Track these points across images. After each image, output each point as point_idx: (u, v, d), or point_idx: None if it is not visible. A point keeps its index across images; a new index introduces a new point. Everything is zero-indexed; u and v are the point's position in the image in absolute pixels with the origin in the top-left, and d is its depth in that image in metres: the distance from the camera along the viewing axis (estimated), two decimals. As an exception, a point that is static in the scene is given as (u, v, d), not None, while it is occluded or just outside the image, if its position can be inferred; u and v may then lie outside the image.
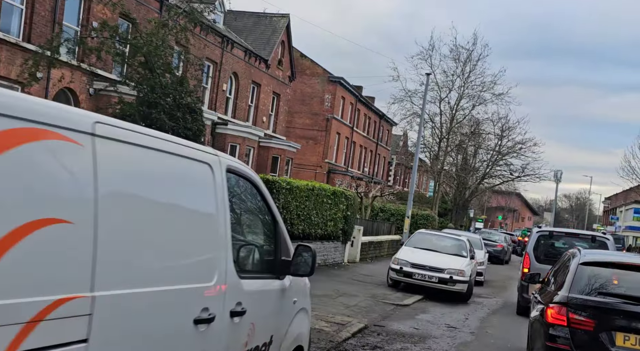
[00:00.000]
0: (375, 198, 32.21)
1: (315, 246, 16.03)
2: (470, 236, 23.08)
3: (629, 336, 6.73)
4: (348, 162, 54.06)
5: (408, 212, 27.38)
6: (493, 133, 42.26)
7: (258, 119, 38.35)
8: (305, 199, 16.07)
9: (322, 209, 17.33)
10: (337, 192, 18.60)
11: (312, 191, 16.56)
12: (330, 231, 18.30)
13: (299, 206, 15.64)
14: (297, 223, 15.70)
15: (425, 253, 16.62)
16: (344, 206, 19.24)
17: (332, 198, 18.04)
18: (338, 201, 18.60)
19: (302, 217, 15.98)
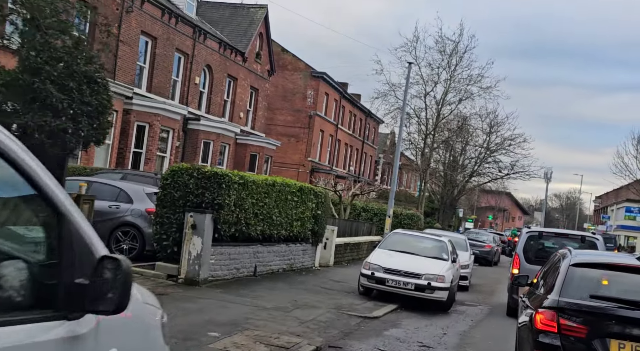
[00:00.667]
0: (355, 196, 30.26)
1: (278, 249, 13.85)
2: (453, 237, 21.17)
3: (624, 343, 6.26)
4: (333, 161, 52.12)
5: (389, 211, 25.44)
6: (481, 129, 40.50)
7: (235, 114, 36.35)
8: (265, 196, 14.07)
9: (286, 208, 15.32)
10: (304, 188, 16.59)
11: (273, 186, 14.55)
12: (296, 232, 16.30)
13: (256, 203, 13.63)
14: (254, 223, 13.69)
15: (401, 256, 14.65)
16: (314, 204, 17.25)
17: (298, 195, 16.04)
18: (306, 198, 16.61)
19: (260, 216, 13.97)
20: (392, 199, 25.44)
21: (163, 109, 27.25)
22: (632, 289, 6.96)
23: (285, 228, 15.46)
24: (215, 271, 12.61)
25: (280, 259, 15.85)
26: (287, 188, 15.29)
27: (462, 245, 20.87)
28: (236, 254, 13.39)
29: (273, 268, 15.50)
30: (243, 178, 12.95)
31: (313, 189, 17.27)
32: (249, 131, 38.05)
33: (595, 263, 7.35)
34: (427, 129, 36.92)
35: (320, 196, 17.68)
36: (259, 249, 14.53)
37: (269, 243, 15.07)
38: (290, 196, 15.47)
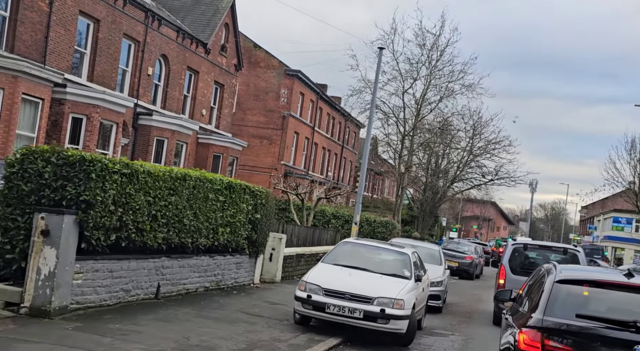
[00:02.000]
0: (320, 200, 26.75)
1: (197, 263, 7.85)
2: (424, 248, 17.75)
3: None
4: (308, 165, 48.61)
5: (356, 217, 21.96)
6: (463, 130, 37.10)
7: (196, 111, 32.78)
8: (170, 193, 10.53)
9: (206, 210, 11.79)
10: (235, 186, 13.05)
11: (184, 181, 11.02)
12: (224, 240, 12.77)
13: (155, 202, 10.10)
14: (151, 229, 10.14)
15: (349, 274, 11.14)
16: (250, 206, 13.73)
17: (226, 194, 12.52)
18: (238, 198, 13.09)
19: (163, 220, 10.44)
20: (360, 204, 22.01)
21: (103, 100, 23.61)
22: (619, 307, 6.57)
23: (205, 235, 11.92)
24: (85, 296, 9.04)
25: (201, 275, 12.29)
26: (207, 184, 11.75)
27: (435, 257, 17.41)
28: (123, 271, 9.83)
29: (189, 287, 11.94)
30: (129, 167, 9.39)
31: (249, 188, 13.73)
32: (213, 129, 34.51)
33: (581, 279, 6.90)
34: (405, 129, 33.54)
35: (260, 196, 14.16)
36: (165, 263, 10.98)
37: (182, 255, 11.52)
38: (213, 195, 11.95)
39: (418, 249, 17.10)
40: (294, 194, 24.72)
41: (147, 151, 27.78)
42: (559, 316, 6.24)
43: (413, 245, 17.74)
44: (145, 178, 9.75)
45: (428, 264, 16.47)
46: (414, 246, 17.63)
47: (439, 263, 17.13)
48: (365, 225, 30.24)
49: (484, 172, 38.95)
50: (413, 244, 17.86)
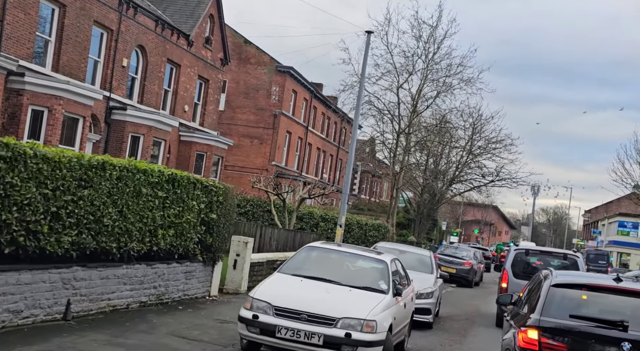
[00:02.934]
0: (303, 201, 24.41)
1: (128, 273, 6.29)
2: (413, 253, 15.49)
3: None
4: (302, 167, 46.31)
5: (340, 219, 19.62)
6: (462, 127, 34.70)
7: (178, 107, 30.53)
8: (80, 186, 8.25)
9: (138, 208, 9.50)
10: (179, 179, 10.73)
11: (103, 171, 8.71)
12: (166, 245, 10.49)
13: (55, 196, 7.81)
14: (52, 231, 7.84)
15: (310, 287, 8.84)
16: (203, 204, 11.43)
17: (166, 189, 10.23)
18: (186, 194, 10.79)
19: (71, 219, 8.14)
20: (345, 204, 19.71)
21: (67, 91, 21.37)
22: (609, 309, 7.02)
23: (139, 238, 9.63)
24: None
25: (135, 287, 9.99)
26: (138, 176, 9.45)
27: (425, 265, 15.10)
28: (10, 286, 7.52)
29: (117, 304, 9.64)
30: (10, 149, 7.08)
31: (200, 182, 11.42)
32: (196, 127, 32.26)
33: (574, 283, 7.46)
34: (400, 127, 31.22)
35: (216, 192, 11.85)
36: (79, 275, 8.69)
37: (105, 264, 9.20)
38: (148, 190, 9.66)
39: (406, 256, 14.82)
40: (274, 194, 22.40)
41: (121, 148, 25.54)
42: (554, 316, 6.73)
43: (401, 250, 15.48)
44: (38, 164, 7.44)
45: (417, 273, 14.22)
46: (402, 251, 15.36)
47: (430, 271, 14.81)
48: (355, 228, 27.96)
49: (484, 173, 36.59)
50: (401, 250, 15.59)
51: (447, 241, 68.64)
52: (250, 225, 20.42)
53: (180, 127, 30.76)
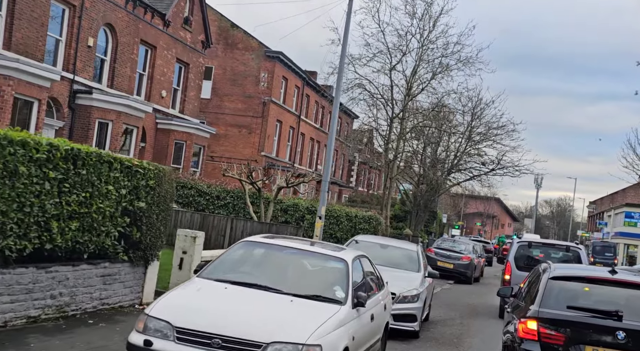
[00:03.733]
0: (280, 190, 21.91)
1: (10, 278, 5.67)
2: (398, 248, 13.09)
3: (597, 349, 6.64)
4: (294, 157, 43.86)
5: (320, 210, 17.15)
6: (460, 112, 32.06)
7: (154, 92, 28.10)
8: None
9: (14, 193, 7.07)
10: (86, 156, 8.27)
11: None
12: (66, 241, 8.04)
13: None
14: None
15: (234, 298, 6.36)
16: (125, 189, 8.99)
17: (63, 169, 7.78)
18: (97, 176, 8.34)
19: None
20: (325, 192, 17.25)
21: (17, 70, 19.01)
22: (604, 299, 7.19)
23: (18, 233, 7.18)
24: None
25: (18, 299, 7.54)
26: (12, 150, 6.99)
27: (411, 261, 12.66)
28: None
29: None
30: None
31: (119, 161, 8.96)
32: (176, 114, 29.82)
33: (571, 276, 7.69)
34: (393, 112, 28.72)
35: (143, 175, 9.39)
36: None
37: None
38: (30, 168, 7.19)
39: (388, 251, 12.39)
40: (247, 182, 19.93)
41: (87, 136, 23.18)
42: (552, 308, 6.97)
43: (382, 244, 13.06)
44: None
45: (400, 271, 11.84)
46: (384, 245, 12.96)
47: (417, 269, 12.33)
48: (344, 221, 25.48)
49: (484, 161, 33.92)
50: (382, 244, 13.17)
51: (448, 234, 66.14)
52: (220, 218, 18.05)
53: (157, 114, 28.38)
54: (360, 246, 12.83)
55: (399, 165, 34.14)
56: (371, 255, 12.64)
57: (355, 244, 12.84)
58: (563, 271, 7.93)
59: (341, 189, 51.54)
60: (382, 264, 12.29)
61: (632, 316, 6.75)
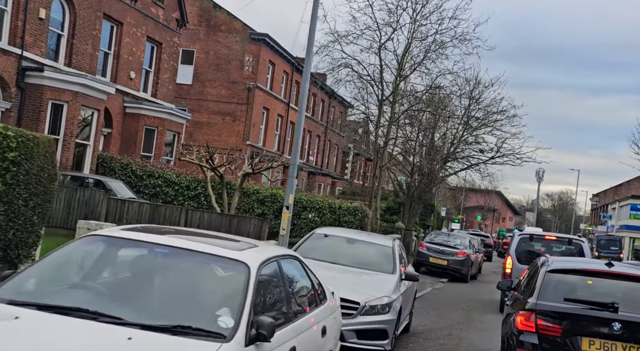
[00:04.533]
0: (246, 177, 19.16)
1: None
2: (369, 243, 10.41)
3: (594, 340, 6.72)
4: (282, 147, 41.14)
5: (287, 199, 14.40)
6: (456, 94, 29.12)
7: (121, 73, 25.37)
8: None
9: None
10: None
11: None
12: None
13: None
14: None
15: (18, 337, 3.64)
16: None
17: None
18: None
19: None
20: (294, 178, 14.50)
21: (-56, 40, 16.31)
22: (601, 292, 7.25)
23: None
24: None
25: None
26: None
27: (386, 259, 9.94)
28: None
29: None
30: None
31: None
32: (147, 98, 27.10)
33: (569, 269, 7.76)
34: (382, 94, 25.91)
35: (20, 146, 6.62)
36: None
37: None
38: None
39: (357, 247, 9.80)
40: (208, 168, 17.19)
41: (39, 118, 20.52)
42: (550, 300, 6.99)
43: (350, 238, 10.36)
44: None
45: (369, 274, 9.25)
46: (352, 240, 10.30)
47: (392, 270, 9.59)
48: (327, 213, 22.83)
49: (483, 149, 31.08)
50: (350, 238, 10.44)
51: (448, 228, 63.34)
52: (173, 209, 15.34)
53: (126, 97, 25.67)
54: (318, 241, 10.15)
55: (391, 152, 31.39)
56: (333, 253, 9.91)
57: (312, 238, 10.15)
58: (561, 264, 8.01)
59: (334, 181, 48.82)
60: (348, 264, 9.59)
61: (628, 308, 6.80)
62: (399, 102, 27.33)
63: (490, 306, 16.16)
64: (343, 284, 8.09)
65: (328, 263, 9.30)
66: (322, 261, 9.21)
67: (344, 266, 9.44)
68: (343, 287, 7.63)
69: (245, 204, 22.45)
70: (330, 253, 9.81)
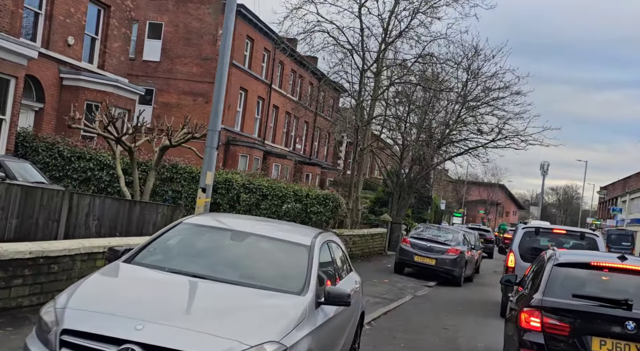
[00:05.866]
0: (165, 150, 14.80)
1: None
2: (270, 238, 5.99)
3: (605, 340, 6.09)
4: (264, 134, 36.83)
5: (203, 180, 10.11)
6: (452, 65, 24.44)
7: (56, 38, 21.13)
8: None
9: None
10: None
11: None
12: None
13: None
14: None
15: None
16: None
17: None
18: None
19: None
20: (213, 149, 10.22)
21: None
22: (613, 287, 6.66)
23: None
24: None
25: None
26: None
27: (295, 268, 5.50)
28: None
29: None
30: None
31: None
32: (93, 70, 22.84)
33: (578, 262, 7.02)
34: (364, 63, 21.55)
35: None
36: None
37: None
38: None
39: (247, 246, 5.53)
40: (112, 139, 12.92)
41: None
42: (557, 296, 6.41)
43: (239, 233, 6.00)
44: None
45: (258, 294, 4.72)
46: (242, 235, 5.91)
47: (299, 289, 5.26)
48: (292, 202, 18.52)
49: (481, 128, 26.57)
50: (240, 231, 6.08)
51: (449, 222, 59.04)
52: (54, 194, 11.03)
53: (63, 67, 21.45)
54: (182, 237, 5.85)
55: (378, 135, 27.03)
56: (203, 257, 5.64)
57: (174, 232, 5.79)
58: (569, 257, 7.20)
59: (324, 172, 44.48)
60: (221, 277, 5.32)
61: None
62: (386, 75, 22.90)
63: (487, 322, 11.89)
64: (182, 316, 4.00)
65: (184, 275, 5.05)
66: (171, 273, 4.99)
67: (209, 281, 5.15)
68: (179, 322, 3.58)
69: (193, 191, 18.29)
70: (198, 257, 5.54)
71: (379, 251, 23.56)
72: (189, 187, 18.65)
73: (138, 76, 31.61)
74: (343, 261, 6.90)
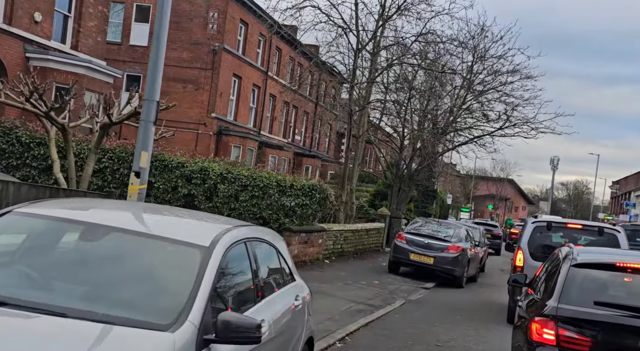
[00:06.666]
0: (106, 130, 12.75)
1: None
2: (108, 229, 3.80)
3: None
4: (260, 123, 34.77)
5: (137, 162, 8.09)
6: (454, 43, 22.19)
7: (20, 13, 19.17)
8: None
9: None
10: None
11: None
12: None
13: None
14: None
15: None
16: None
17: None
18: None
19: None
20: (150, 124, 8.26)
21: None
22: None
23: None
24: None
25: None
26: None
27: (179, 279, 3.39)
28: None
29: None
30: None
31: None
32: (66, 51, 20.87)
33: (600, 263, 5.92)
34: (359, 41, 19.43)
35: None
36: None
37: None
38: None
39: (108, 248, 3.14)
40: (41, 114, 10.92)
41: None
42: (575, 303, 5.38)
43: (98, 227, 3.78)
44: None
45: (100, 330, 2.38)
46: (103, 230, 3.70)
47: (172, 319, 3.11)
48: (275, 194, 16.45)
49: (487, 114, 24.29)
50: (97, 224, 3.92)
51: (457, 217, 56.87)
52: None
53: (29, 46, 19.48)
54: (8, 231, 3.71)
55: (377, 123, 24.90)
56: (18, 272, 3.48)
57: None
58: (589, 256, 6.19)
59: (325, 164, 42.40)
60: (41, 304, 3.15)
61: None
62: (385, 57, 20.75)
63: (491, 335, 9.81)
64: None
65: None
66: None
67: (13, 310, 3.01)
68: None
69: (166, 181, 16.26)
70: (14, 267, 3.45)
71: (375, 248, 21.46)
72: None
73: (125, 61, 29.68)
74: (278, 268, 4.82)
